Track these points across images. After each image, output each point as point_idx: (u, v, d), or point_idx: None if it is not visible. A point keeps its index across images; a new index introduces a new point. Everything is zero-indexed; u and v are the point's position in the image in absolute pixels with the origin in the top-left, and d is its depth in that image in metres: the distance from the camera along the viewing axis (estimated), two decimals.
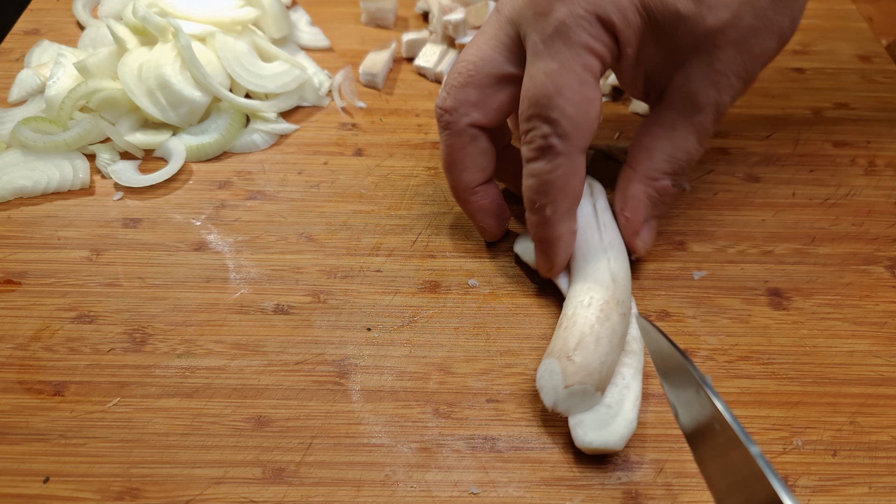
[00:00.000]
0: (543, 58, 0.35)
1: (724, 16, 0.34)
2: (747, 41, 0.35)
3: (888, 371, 0.38)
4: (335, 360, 0.38)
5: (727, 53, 0.36)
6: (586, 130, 0.35)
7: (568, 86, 0.34)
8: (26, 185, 0.46)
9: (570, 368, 0.33)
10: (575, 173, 0.36)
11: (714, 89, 0.37)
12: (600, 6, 0.34)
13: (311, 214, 0.45)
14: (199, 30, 0.51)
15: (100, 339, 0.38)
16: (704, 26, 0.34)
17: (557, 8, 0.34)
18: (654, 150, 0.39)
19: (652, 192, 0.39)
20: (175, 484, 0.33)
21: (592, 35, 0.34)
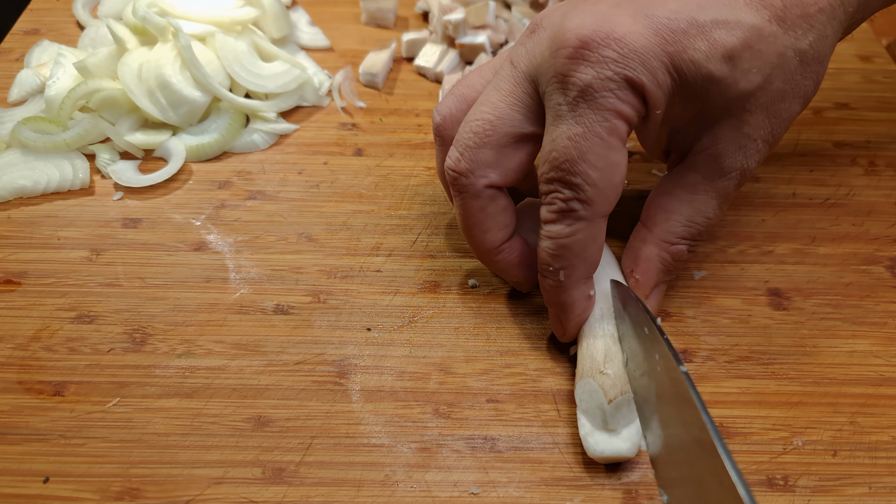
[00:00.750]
0: (567, 121, 0.33)
1: (757, 80, 0.33)
2: (776, 105, 0.35)
3: (888, 371, 0.38)
4: (335, 361, 0.38)
5: (756, 117, 0.35)
6: (610, 196, 0.34)
7: (593, 151, 0.32)
8: (26, 185, 0.46)
9: (608, 382, 0.33)
10: (594, 239, 0.34)
11: (741, 153, 0.35)
12: (630, 67, 0.32)
13: (311, 214, 0.45)
14: (198, 30, 0.51)
15: (100, 339, 0.38)
16: (737, 90, 0.33)
17: (583, 70, 0.32)
18: (672, 212, 0.37)
19: (666, 256, 0.38)
20: (175, 484, 0.33)
21: (621, 98, 0.32)
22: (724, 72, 0.33)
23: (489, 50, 0.55)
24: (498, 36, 0.56)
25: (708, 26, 0.32)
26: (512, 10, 0.57)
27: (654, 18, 0.32)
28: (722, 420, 0.36)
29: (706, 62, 0.32)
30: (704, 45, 0.32)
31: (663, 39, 0.32)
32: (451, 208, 0.46)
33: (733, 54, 0.33)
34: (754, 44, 0.33)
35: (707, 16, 0.33)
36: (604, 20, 0.32)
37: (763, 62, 0.33)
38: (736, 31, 0.32)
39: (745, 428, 0.36)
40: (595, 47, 0.32)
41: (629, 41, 0.32)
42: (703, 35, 0.32)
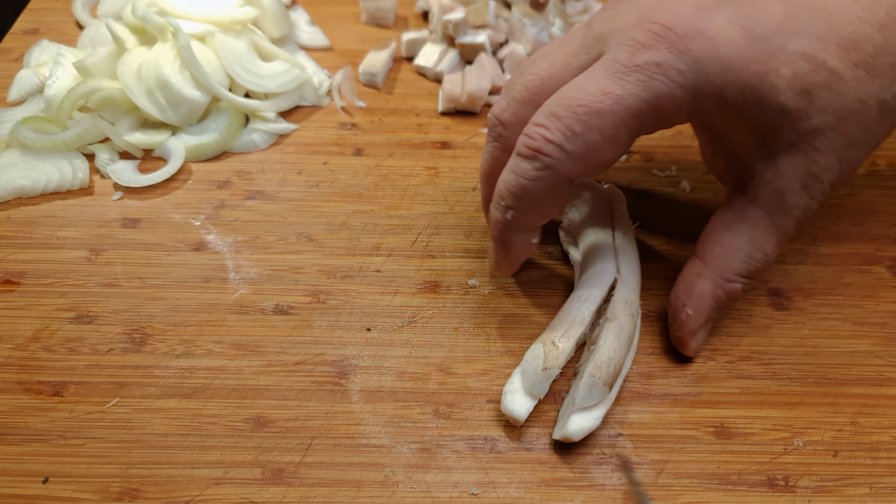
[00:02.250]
0: (611, 77, 0.32)
1: (832, 120, 0.32)
2: (848, 151, 0.33)
3: (889, 371, 0.38)
4: (335, 361, 0.38)
5: (826, 158, 0.33)
6: (589, 166, 0.33)
7: (611, 117, 0.32)
8: (25, 184, 0.45)
9: (552, 353, 0.35)
10: (553, 195, 0.34)
11: (806, 193, 0.34)
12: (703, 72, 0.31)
13: (310, 214, 0.45)
14: (198, 29, 0.51)
15: (99, 340, 0.38)
16: (809, 125, 0.32)
17: (660, 50, 0.31)
18: (730, 247, 0.36)
19: (721, 293, 0.36)
20: (174, 484, 0.33)
21: (675, 98, 0.32)
22: (798, 104, 0.32)
23: (489, 49, 0.55)
24: (498, 35, 0.56)
25: (796, 56, 0.31)
26: (512, 9, 0.57)
27: (748, 31, 0.31)
28: (722, 420, 0.36)
29: (784, 91, 0.31)
30: (788, 73, 0.31)
31: (751, 56, 0.31)
32: (451, 208, 0.46)
33: (812, 90, 0.32)
34: (835, 86, 0.32)
35: (798, 45, 0.31)
36: (700, 15, 0.32)
37: (840, 105, 0.32)
38: (819, 69, 0.31)
39: (746, 428, 0.36)
40: (682, 37, 0.31)
41: (717, 48, 0.31)
42: (789, 63, 0.31)
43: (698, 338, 0.37)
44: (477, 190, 0.47)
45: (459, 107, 0.53)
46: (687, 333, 0.37)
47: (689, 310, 0.36)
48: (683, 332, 0.37)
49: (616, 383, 0.35)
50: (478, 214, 0.46)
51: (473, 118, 0.53)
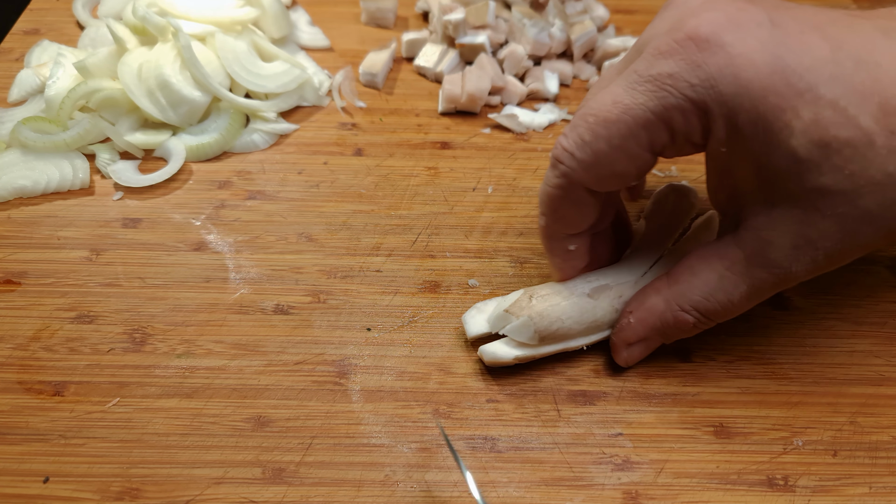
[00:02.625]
0: (625, 86, 0.31)
1: (844, 185, 0.29)
2: (856, 224, 0.30)
3: (888, 371, 0.38)
4: (335, 361, 0.38)
5: (827, 224, 0.30)
6: (602, 175, 0.32)
7: (618, 126, 0.31)
8: (26, 184, 0.46)
9: (522, 304, 0.36)
10: (573, 203, 0.34)
11: (794, 254, 0.31)
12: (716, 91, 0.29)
13: (310, 214, 0.45)
14: (198, 29, 0.51)
15: (99, 340, 0.38)
16: (818, 182, 0.29)
17: (675, 59, 0.30)
18: (697, 278, 0.34)
19: (669, 317, 0.35)
20: (175, 484, 0.33)
21: (684, 112, 0.30)
22: (811, 155, 0.29)
23: (489, 50, 0.55)
24: (498, 36, 0.56)
25: (825, 103, 0.28)
26: (512, 10, 0.57)
27: (779, 60, 0.29)
28: (722, 420, 0.36)
29: (799, 134, 0.29)
30: (809, 117, 0.28)
31: (773, 87, 0.29)
32: (451, 208, 0.46)
33: (832, 144, 0.28)
34: (861, 148, 0.28)
35: (831, 92, 0.28)
36: (729, 29, 0.29)
37: (860, 171, 0.29)
38: (849, 127, 0.28)
39: (745, 428, 0.36)
40: (702, 50, 0.29)
41: (736, 67, 0.29)
42: (814, 107, 0.28)
43: (632, 351, 0.36)
44: (477, 190, 0.47)
45: (459, 107, 0.53)
46: (620, 341, 0.36)
47: (631, 318, 0.36)
48: (618, 337, 0.36)
49: (550, 346, 0.36)
50: (477, 214, 0.46)
51: (473, 118, 0.53)
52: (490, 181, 0.48)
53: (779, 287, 0.33)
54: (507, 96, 0.54)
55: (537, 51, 0.55)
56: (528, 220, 0.45)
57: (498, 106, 0.54)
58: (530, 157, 0.50)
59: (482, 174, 0.48)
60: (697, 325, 0.35)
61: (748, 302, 0.34)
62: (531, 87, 0.54)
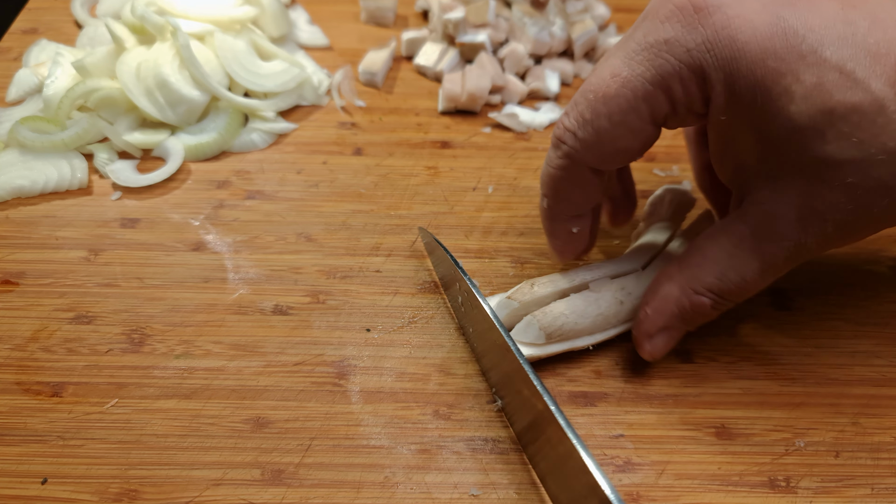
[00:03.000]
0: (624, 56, 0.30)
1: (852, 153, 0.27)
2: (868, 196, 0.28)
3: (891, 372, 0.38)
4: (334, 361, 0.38)
5: (835, 195, 0.28)
6: (605, 153, 0.31)
7: (618, 100, 0.30)
8: (24, 184, 0.45)
9: (524, 290, 0.36)
10: (576, 184, 0.33)
11: (801, 226, 0.30)
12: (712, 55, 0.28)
13: (309, 214, 0.45)
14: (197, 28, 0.51)
15: (98, 340, 0.38)
16: (822, 151, 0.27)
17: (672, 24, 0.28)
18: (708, 259, 0.33)
19: (685, 302, 0.33)
20: (174, 485, 0.33)
21: (682, 77, 0.29)
22: (812, 123, 0.27)
23: (489, 48, 0.55)
24: (498, 34, 0.56)
25: (829, 67, 0.27)
26: (512, 8, 0.57)
27: (780, 21, 0.27)
28: (724, 421, 0.36)
29: (799, 101, 0.27)
30: (811, 81, 0.27)
31: (772, 49, 0.27)
32: (451, 208, 0.46)
33: (837, 110, 0.27)
34: (871, 114, 0.27)
35: (837, 56, 0.27)
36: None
37: (871, 139, 0.27)
38: (856, 92, 0.26)
39: (747, 429, 0.35)
40: (700, 16, 0.28)
41: (733, 29, 0.27)
42: (817, 70, 0.27)
43: (656, 342, 0.35)
44: (477, 189, 0.47)
45: (459, 106, 0.52)
46: (642, 334, 0.35)
47: (648, 309, 0.34)
48: (639, 330, 0.35)
49: (558, 345, 0.36)
50: (477, 214, 0.45)
51: (474, 117, 0.52)
52: (490, 181, 0.48)
53: (793, 261, 0.31)
54: (507, 95, 0.53)
55: (538, 49, 0.55)
56: (528, 220, 0.45)
57: (498, 105, 0.53)
58: (531, 157, 0.49)
59: (482, 174, 0.48)
60: (716, 307, 0.33)
61: (763, 278, 0.32)
62: (532, 86, 0.54)
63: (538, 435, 0.31)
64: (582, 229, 0.36)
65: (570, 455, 0.28)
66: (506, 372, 0.34)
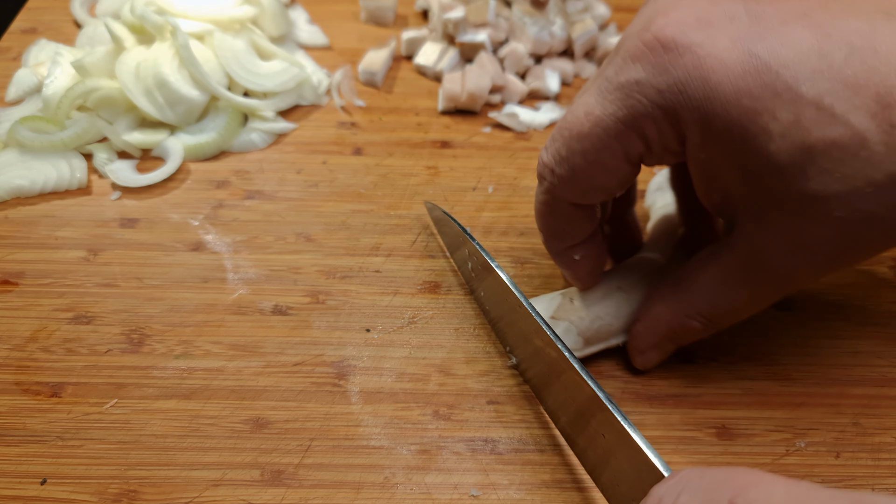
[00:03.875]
0: (596, 95, 0.30)
1: (835, 188, 0.26)
2: (858, 228, 0.27)
3: (891, 372, 0.38)
4: (334, 362, 0.38)
5: (823, 230, 0.28)
6: (584, 190, 0.32)
7: (591, 139, 0.30)
8: (23, 184, 0.45)
9: (566, 306, 0.37)
10: (562, 218, 0.33)
11: (789, 259, 0.29)
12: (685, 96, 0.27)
13: (309, 214, 0.45)
14: (197, 28, 0.51)
15: (97, 340, 0.38)
16: (804, 188, 0.27)
17: (643, 64, 0.28)
18: (698, 284, 0.33)
19: (677, 325, 0.34)
20: (173, 486, 0.33)
21: (654, 118, 0.28)
22: (792, 160, 0.26)
23: (489, 48, 0.55)
24: (498, 34, 0.55)
25: (806, 103, 0.26)
26: (512, 8, 0.57)
27: (752, 58, 0.26)
28: (724, 421, 0.36)
29: (777, 139, 0.26)
30: (788, 119, 0.26)
31: (746, 88, 0.26)
32: (451, 208, 0.46)
33: (817, 147, 0.26)
34: (853, 149, 0.26)
35: (814, 91, 0.26)
36: (698, 27, 0.27)
37: (856, 173, 0.26)
38: (836, 127, 0.26)
39: (748, 429, 0.35)
40: (668, 52, 0.27)
41: (705, 69, 0.27)
42: (793, 107, 0.26)
43: (648, 357, 0.36)
44: (477, 189, 0.47)
45: (460, 106, 0.52)
46: (634, 349, 0.36)
47: (640, 327, 0.35)
48: (631, 345, 0.36)
49: (593, 346, 0.37)
50: (478, 214, 0.45)
51: (473, 117, 0.52)
52: (490, 180, 0.48)
53: (782, 291, 0.32)
54: (507, 95, 0.53)
55: (538, 49, 0.55)
56: (528, 220, 0.45)
57: (498, 105, 0.53)
58: (531, 157, 0.49)
59: (482, 173, 0.48)
60: (707, 330, 0.34)
61: (753, 306, 0.33)
62: (532, 86, 0.54)
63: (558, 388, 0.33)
64: (585, 255, 0.36)
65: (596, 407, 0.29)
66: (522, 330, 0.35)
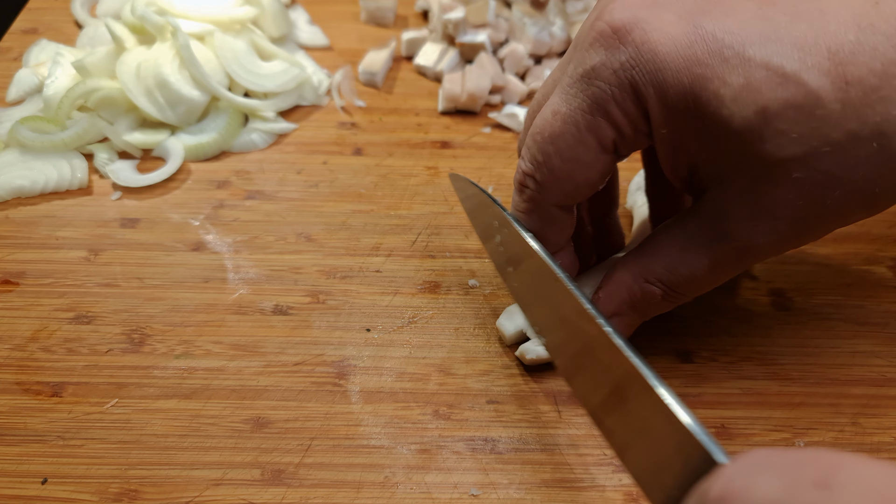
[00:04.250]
0: (561, 94, 0.30)
1: (793, 150, 0.27)
2: (818, 190, 0.27)
3: (890, 371, 0.38)
4: (334, 361, 0.38)
5: (783, 192, 0.28)
6: (567, 190, 0.32)
7: (564, 138, 0.30)
8: (24, 184, 0.45)
9: None
10: (549, 223, 0.33)
11: (751, 224, 0.29)
12: (641, 72, 0.28)
13: (309, 214, 0.45)
14: (197, 28, 0.51)
15: (98, 340, 0.38)
16: (761, 151, 0.27)
17: (596, 50, 0.28)
18: (660, 249, 0.33)
19: (636, 290, 0.33)
20: (173, 485, 0.33)
21: (616, 99, 0.29)
22: (747, 124, 0.27)
23: (489, 49, 0.55)
24: (498, 35, 0.56)
25: (755, 65, 0.26)
26: (512, 8, 0.57)
27: (698, 29, 0.27)
28: (723, 421, 0.36)
29: (730, 103, 0.27)
30: (738, 83, 0.26)
31: (694, 57, 0.27)
32: (451, 208, 0.46)
33: (770, 107, 0.26)
34: (808, 108, 0.26)
35: (762, 53, 0.26)
36: (644, 7, 0.28)
37: (812, 133, 0.26)
38: (788, 87, 0.26)
39: (747, 429, 0.35)
40: (620, 36, 0.28)
41: (653, 42, 0.27)
42: (743, 71, 0.26)
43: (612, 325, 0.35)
44: None
45: (459, 106, 0.52)
46: None
47: (601, 293, 0.35)
48: None
49: None
50: None
51: (473, 118, 0.52)
52: (490, 181, 0.48)
53: (743, 261, 0.31)
54: (507, 95, 0.53)
55: (538, 49, 0.55)
56: None
57: (498, 105, 0.53)
58: None
59: (482, 174, 0.48)
60: (667, 298, 0.33)
61: (712, 276, 0.32)
62: (532, 87, 0.54)
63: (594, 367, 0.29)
64: (563, 261, 0.36)
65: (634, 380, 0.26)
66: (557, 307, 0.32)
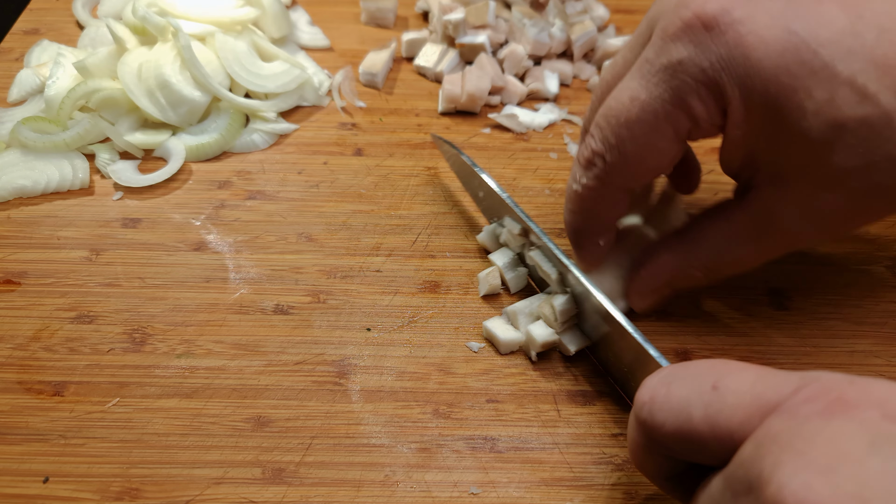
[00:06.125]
0: (640, 80, 0.31)
1: (854, 162, 0.28)
2: (868, 199, 0.30)
3: (889, 371, 0.38)
4: (335, 361, 0.38)
5: (837, 198, 0.30)
6: (635, 174, 0.33)
7: (641, 124, 0.31)
8: (26, 184, 0.45)
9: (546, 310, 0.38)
10: (607, 203, 0.34)
11: (801, 223, 0.31)
12: (727, 73, 0.28)
13: (310, 214, 0.45)
14: (198, 29, 0.51)
15: (99, 340, 0.38)
16: (829, 161, 0.28)
17: (684, 45, 0.29)
18: (706, 235, 0.34)
19: (679, 273, 0.36)
20: (175, 484, 0.33)
21: (700, 96, 0.29)
22: (825, 136, 0.28)
23: (489, 50, 0.55)
24: (498, 36, 0.56)
25: (840, 81, 0.27)
26: (512, 9, 0.57)
27: (791, 36, 0.28)
28: None
29: (811, 116, 0.28)
30: (822, 97, 0.27)
31: (785, 65, 0.28)
32: (451, 208, 0.46)
33: (847, 124, 0.28)
34: (878, 127, 0.27)
35: (848, 70, 0.27)
36: (738, 5, 0.28)
37: (876, 148, 0.28)
38: (866, 106, 0.27)
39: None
40: (710, 30, 0.28)
41: (746, 47, 0.28)
42: (828, 86, 0.27)
43: (646, 300, 0.38)
44: None
45: (459, 107, 0.53)
46: (633, 290, 0.38)
47: (644, 272, 0.37)
48: (631, 288, 0.38)
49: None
50: (477, 214, 0.46)
51: (473, 118, 0.53)
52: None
53: (785, 249, 0.34)
54: (507, 96, 0.54)
55: (537, 51, 0.55)
56: None
57: (498, 106, 0.54)
58: (530, 157, 0.50)
59: None
60: (707, 279, 0.36)
61: (756, 261, 0.34)
62: (531, 87, 0.54)
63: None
64: (608, 240, 0.37)
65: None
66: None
